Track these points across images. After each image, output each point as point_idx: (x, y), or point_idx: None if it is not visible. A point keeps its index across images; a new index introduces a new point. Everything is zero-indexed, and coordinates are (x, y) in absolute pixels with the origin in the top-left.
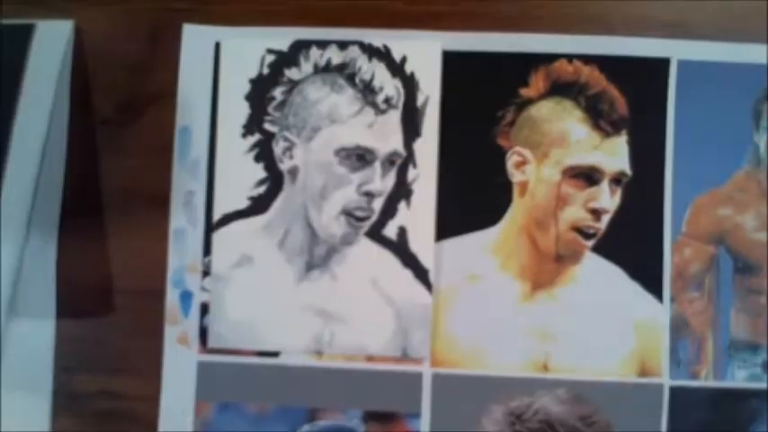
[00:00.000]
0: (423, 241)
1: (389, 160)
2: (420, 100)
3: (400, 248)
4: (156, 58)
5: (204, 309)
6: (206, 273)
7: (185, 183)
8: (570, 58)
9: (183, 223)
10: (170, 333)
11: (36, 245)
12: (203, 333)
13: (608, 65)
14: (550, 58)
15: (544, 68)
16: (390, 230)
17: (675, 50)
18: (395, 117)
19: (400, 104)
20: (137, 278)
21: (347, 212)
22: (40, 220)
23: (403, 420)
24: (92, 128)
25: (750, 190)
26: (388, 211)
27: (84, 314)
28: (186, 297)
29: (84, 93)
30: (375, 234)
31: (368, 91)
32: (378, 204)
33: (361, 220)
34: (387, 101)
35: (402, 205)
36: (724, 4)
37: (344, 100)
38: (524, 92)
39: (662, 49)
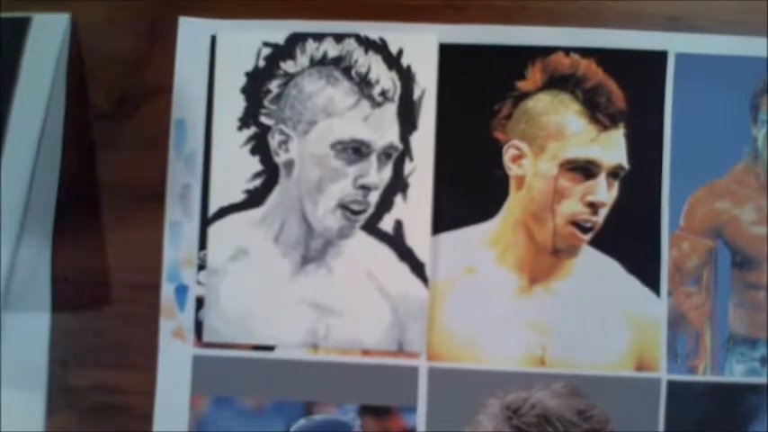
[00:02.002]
0: (419, 235)
1: (386, 153)
2: (416, 93)
3: (396, 242)
4: (152, 52)
5: (200, 303)
6: (201, 266)
7: (181, 176)
8: (567, 50)
9: (179, 217)
10: (165, 327)
11: (31, 239)
12: (199, 327)
13: (605, 58)
14: (547, 50)
15: (541, 61)
16: (387, 224)
17: (673, 43)
18: (391, 110)
19: (396, 97)
20: (132, 272)
21: (343, 206)
22: (36, 213)
23: (399, 415)
24: (88, 121)
25: (748, 183)
26: (385, 204)
27: (79, 308)
28: (181, 291)
29: (80, 86)
30: (371, 227)
31: (364, 84)
32: (374, 198)
33: (357, 213)
34: (383, 94)
35: (398, 198)
36: None
37: (340, 93)
38: (521, 85)
39: (660, 42)
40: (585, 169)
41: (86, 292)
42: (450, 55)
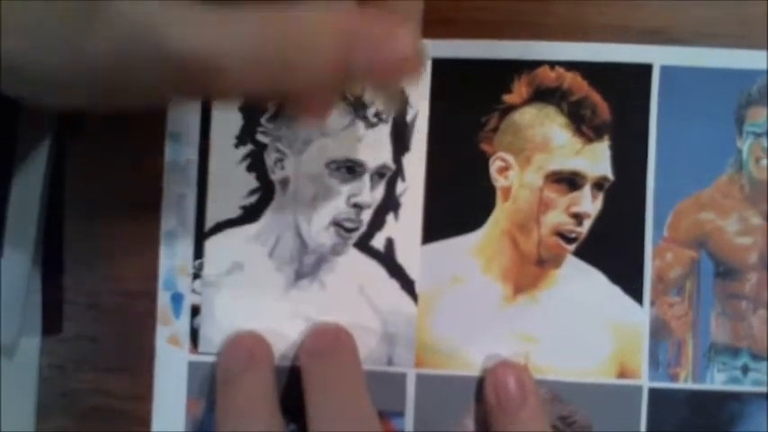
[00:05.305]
0: (409, 253)
1: (378, 173)
2: (410, 115)
3: (387, 259)
4: None
5: (194, 310)
6: (196, 275)
7: (176, 186)
8: (553, 64)
9: (174, 226)
10: (162, 333)
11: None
12: (194, 334)
13: (590, 71)
14: (533, 64)
15: (527, 75)
16: (378, 242)
17: (658, 56)
18: (384, 131)
19: (390, 119)
20: (129, 280)
21: (336, 223)
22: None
23: (387, 419)
24: (83, 131)
25: (733, 195)
26: (377, 222)
27: (76, 313)
28: (177, 299)
29: None
30: (363, 245)
31: (359, 105)
32: (366, 216)
33: (349, 231)
34: (377, 115)
35: (390, 217)
36: (706, 11)
37: (335, 113)
38: (508, 98)
39: (644, 54)
40: (570, 181)
41: (85, 297)
42: (438, 68)
